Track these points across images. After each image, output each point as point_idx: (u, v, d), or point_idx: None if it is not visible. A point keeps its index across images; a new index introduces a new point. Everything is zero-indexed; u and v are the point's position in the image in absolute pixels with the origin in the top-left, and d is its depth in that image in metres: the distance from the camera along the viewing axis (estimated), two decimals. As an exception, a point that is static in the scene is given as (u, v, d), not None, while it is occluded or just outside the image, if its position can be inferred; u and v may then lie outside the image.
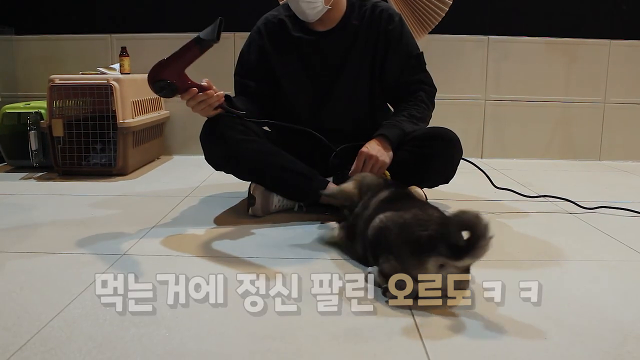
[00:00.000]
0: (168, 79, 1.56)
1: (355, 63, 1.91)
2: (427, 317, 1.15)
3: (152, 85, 1.58)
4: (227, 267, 1.44)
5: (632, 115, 3.33)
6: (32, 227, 1.82)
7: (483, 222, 1.11)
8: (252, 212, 1.89)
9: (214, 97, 1.66)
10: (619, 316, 1.18)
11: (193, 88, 1.60)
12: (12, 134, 2.82)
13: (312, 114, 1.95)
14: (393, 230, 1.25)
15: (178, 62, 1.56)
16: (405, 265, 1.18)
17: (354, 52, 1.91)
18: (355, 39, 1.90)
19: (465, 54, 3.26)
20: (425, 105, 1.90)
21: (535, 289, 1.31)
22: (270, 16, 1.97)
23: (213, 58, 2.03)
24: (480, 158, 3.30)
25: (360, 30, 1.90)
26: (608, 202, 2.10)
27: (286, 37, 1.92)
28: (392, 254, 1.22)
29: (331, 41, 1.90)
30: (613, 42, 3.25)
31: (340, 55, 1.91)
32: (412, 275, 1.17)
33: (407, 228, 1.23)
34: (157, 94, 1.61)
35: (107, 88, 2.60)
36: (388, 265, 1.22)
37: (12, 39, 3.26)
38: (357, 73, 1.92)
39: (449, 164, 1.88)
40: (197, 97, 1.62)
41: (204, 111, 1.70)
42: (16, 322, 1.11)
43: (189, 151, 3.25)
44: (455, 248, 1.14)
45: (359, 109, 1.97)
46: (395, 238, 1.23)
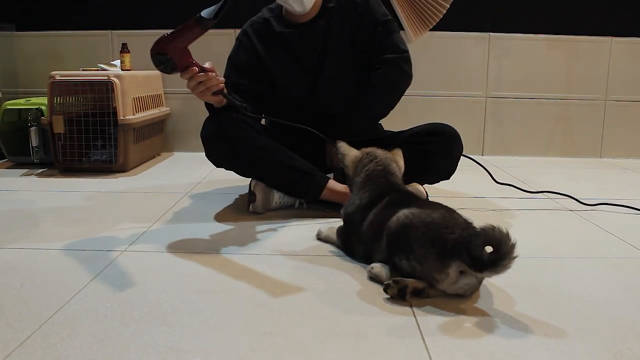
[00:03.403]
0: (167, 54, 1.55)
1: (335, 44, 1.95)
2: (428, 314, 1.15)
3: (152, 59, 1.57)
4: (228, 263, 1.44)
5: (633, 112, 3.33)
6: (33, 223, 1.82)
7: (511, 242, 1.09)
8: (253, 208, 1.90)
9: (213, 79, 1.63)
10: (619, 313, 1.18)
11: (193, 67, 1.59)
12: (12, 131, 2.82)
13: (305, 102, 1.98)
14: (420, 229, 1.20)
15: (179, 39, 1.54)
16: (427, 267, 1.17)
17: (333, 34, 1.95)
18: (332, 21, 1.95)
19: (466, 51, 3.26)
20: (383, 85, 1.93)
21: (534, 285, 1.31)
22: (255, 18, 2.03)
23: (212, 54, 2.03)
24: (481, 155, 3.30)
25: (335, 12, 1.95)
26: (608, 200, 2.10)
27: (273, 34, 1.97)
28: (413, 253, 1.19)
29: (313, 29, 1.95)
30: (614, 39, 3.25)
31: (321, 40, 1.95)
32: (429, 278, 1.18)
33: (435, 229, 1.19)
34: (157, 68, 1.60)
35: (107, 84, 2.60)
36: (407, 263, 1.20)
37: (12, 35, 3.26)
38: (340, 53, 1.96)
39: (449, 160, 1.89)
40: (197, 77, 1.60)
41: (202, 94, 1.66)
42: (17, 318, 1.12)
43: (189, 147, 3.25)
44: (479, 260, 1.10)
45: (348, 87, 1.99)
46: (422, 237, 1.19)
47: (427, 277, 1.18)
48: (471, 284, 1.19)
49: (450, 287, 1.18)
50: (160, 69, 1.58)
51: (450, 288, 1.18)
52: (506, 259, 1.08)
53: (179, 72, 1.59)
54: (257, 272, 1.38)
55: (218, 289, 1.27)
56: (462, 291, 1.19)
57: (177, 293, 1.25)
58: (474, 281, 1.19)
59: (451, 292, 1.19)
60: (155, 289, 1.27)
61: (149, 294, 1.24)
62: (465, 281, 1.18)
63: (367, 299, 1.22)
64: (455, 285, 1.18)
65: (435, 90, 3.26)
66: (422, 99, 3.23)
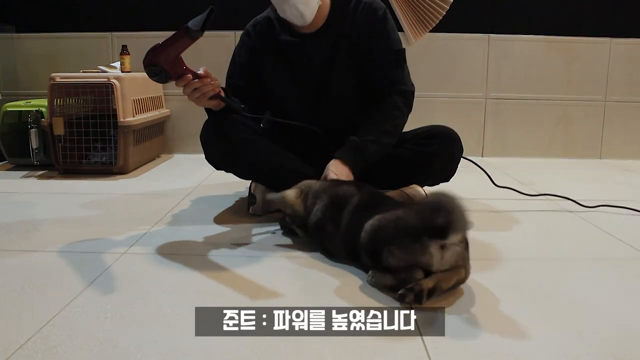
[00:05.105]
0: (160, 64, 1.55)
1: (342, 64, 1.87)
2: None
3: (146, 69, 1.58)
4: (228, 266, 1.44)
5: (633, 113, 3.33)
6: (33, 225, 1.82)
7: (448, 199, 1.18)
8: (253, 211, 1.90)
9: (208, 85, 1.62)
10: (620, 315, 1.18)
11: (187, 75, 1.59)
12: (13, 132, 2.82)
13: (302, 116, 1.90)
14: (389, 226, 1.26)
15: (170, 49, 1.54)
16: (413, 256, 1.20)
17: (340, 53, 1.86)
18: (341, 39, 1.86)
19: (466, 52, 3.26)
20: (399, 113, 1.85)
21: (535, 287, 1.32)
22: (259, 17, 1.95)
23: (212, 55, 2.03)
24: (480, 156, 3.31)
25: (345, 29, 1.86)
26: (609, 201, 2.10)
27: (273, 39, 1.89)
28: (394, 244, 1.22)
29: (317, 43, 1.86)
30: (613, 40, 3.25)
31: (326, 56, 1.87)
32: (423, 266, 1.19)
33: (403, 220, 1.25)
34: (151, 79, 1.61)
35: (107, 86, 2.60)
36: (393, 258, 1.22)
37: (13, 37, 3.26)
38: (345, 73, 1.88)
39: (449, 162, 1.88)
40: (192, 84, 1.59)
41: (198, 100, 1.65)
42: (17, 320, 1.12)
43: (189, 149, 3.25)
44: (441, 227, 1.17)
45: (350, 107, 1.93)
46: (395, 231, 1.24)
47: (420, 265, 1.20)
48: (456, 251, 1.21)
49: (442, 265, 1.20)
50: (155, 79, 1.59)
51: (442, 266, 1.20)
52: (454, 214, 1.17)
53: (173, 81, 1.60)
54: (257, 274, 1.38)
55: (218, 291, 1.27)
56: (453, 262, 1.21)
57: (177, 295, 1.25)
58: (457, 249, 1.21)
59: (447, 267, 1.21)
60: (156, 291, 1.27)
61: (149, 296, 1.24)
62: (449, 252, 1.19)
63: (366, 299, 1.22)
64: (444, 260, 1.19)
65: (435, 91, 3.25)
66: (421, 100, 3.19)
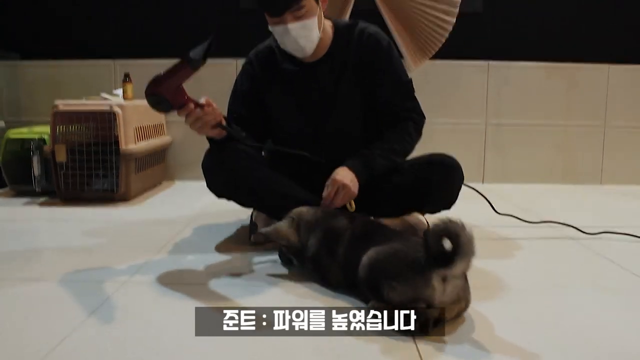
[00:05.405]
0: (162, 95, 1.57)
1: (345, 93, 1.87)
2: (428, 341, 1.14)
3: (147, 99, 1.59)
4: (229, 294, 1.44)
5: (633, 139, 3.35)
6: (35, 253, 1.82)
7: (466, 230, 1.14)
8: (254, 239, 1.89)
9: (210, 114, 1.63)
10: (623, 344, 1.17)
11: (189, 104, 1.60)
12: (15, 159, 2.83)
13: (305, 144, 1.89)
14: (388, 260, 1.25)
15: (172, 79, 1.56)
16: (415, 289, 1.18)
17: (343, 83, 1.87)
18: (344, 69, 1.86)
19: (465, 79, 3.29)
20: (409, 138, 1.87)
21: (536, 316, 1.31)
22: (261, 46, 1.96)
23: (214, 83, 2.05)
24: (481, 183, 3.31)
25: (349, 59, 1.86)
26: (611, 227, 2.10)
27: (275, 68, 1.90)
28: (395, 279, 1.21)
29: (320, 72, 1.87)
30: (612, 66, 3.28)
31: (329, 86, 1.87)
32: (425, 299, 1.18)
33: (402, 253, 1.25)
34: (152, 108, 1.61)
35: (110, 114, 2.62)
36: (395, 293, 1.21)
37: (16, 64, 3.30)
38: (349, 103, 1.89)
39: (450, 190, 1.88)
40: (193, 113, 1.61)
41: (200, 129, 1.66)
42: (19, 351, 1.11)
43: (190, 176, 3.25)
44: (444, 254, 1.15)
45: (353, 138, 1.93)
46: (396, 264, 1.23)
47: (422, 298, 1.18)
48: (458, 284, 1.20)
49: (444, 299, 1.19)
50: (157, 109, 1.60)
51: (444, 300, 1.19)
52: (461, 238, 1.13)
53: (175, 111, 1.61)
54: (258, 302, 1.38)
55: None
56: (454, 296, 1.20)
57: (178, 325, 1.24)
58: (458, 282, 1.20)
59: (448, 302, 1.20)
60: (157, 321, 1.27)
61: (151, 327, 1.24)
62: (451, 286, 1.18)
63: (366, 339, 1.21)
64: (446, 294, 1.18)
65: (435, 118, 3.26)
66: (422, 127, 3.24)
